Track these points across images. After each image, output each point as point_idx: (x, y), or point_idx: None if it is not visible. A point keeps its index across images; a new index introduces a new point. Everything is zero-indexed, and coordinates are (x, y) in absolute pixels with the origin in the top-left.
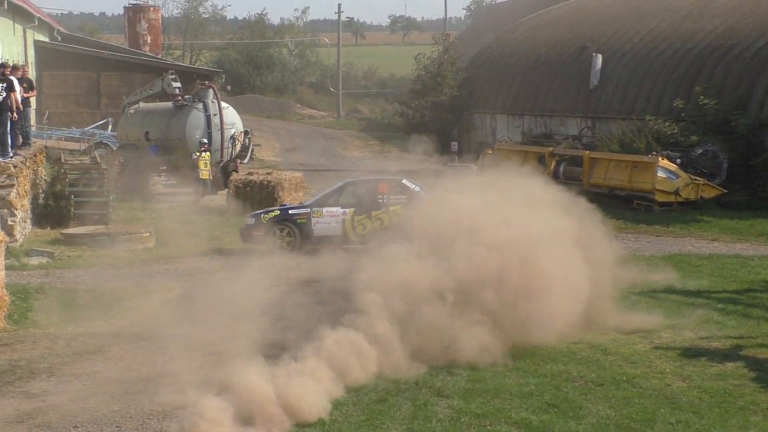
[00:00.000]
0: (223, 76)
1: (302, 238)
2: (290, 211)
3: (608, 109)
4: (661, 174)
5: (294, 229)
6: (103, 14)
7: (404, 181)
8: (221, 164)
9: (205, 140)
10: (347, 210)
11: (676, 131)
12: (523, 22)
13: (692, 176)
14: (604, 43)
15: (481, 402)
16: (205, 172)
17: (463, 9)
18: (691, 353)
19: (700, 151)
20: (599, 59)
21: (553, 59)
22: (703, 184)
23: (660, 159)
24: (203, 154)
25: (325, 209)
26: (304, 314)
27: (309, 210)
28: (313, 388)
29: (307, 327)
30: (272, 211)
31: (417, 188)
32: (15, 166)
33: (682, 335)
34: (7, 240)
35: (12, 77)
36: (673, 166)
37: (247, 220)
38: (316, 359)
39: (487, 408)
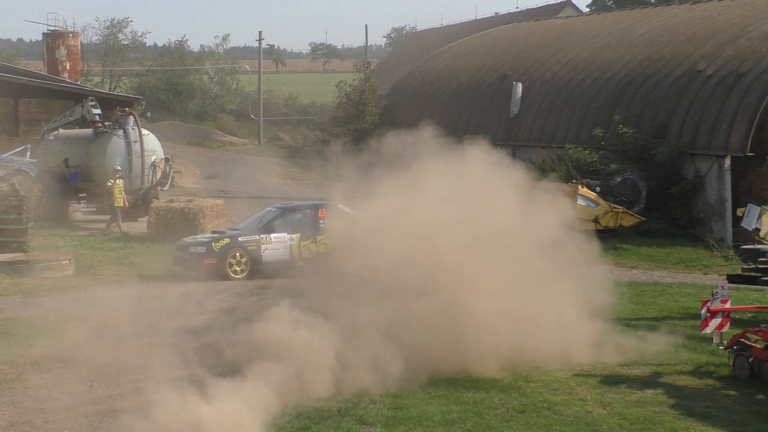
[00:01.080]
0: (144, 102)
1: (253, 264)
2: (240, 239)
3: (528, 137)
4: (580, 202)
5: (245, 255)
6: (21, 40)
7: (340, 206)
8: (142, 191)
9: (119, 167)
10: (294, 236)
11: (595, 159)
12: (444, 50)
13: (611, 204)
14: (524, 72)
15: (404, 430)
16: (119, 199)
17: (384, 37)
18: (611, 380)
19: (619, 179)
20: (519, 88)
21: (474, 87)
22: (622, 212)
23: (580, 187)
24: (117, 181)
25: (273, 235)
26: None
27: (258, 237)
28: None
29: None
30: (221, 239)
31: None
32: None
33: (602, 362)
34: None
35: None
36: (592, 194)
37: (192, 249)
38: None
39: None
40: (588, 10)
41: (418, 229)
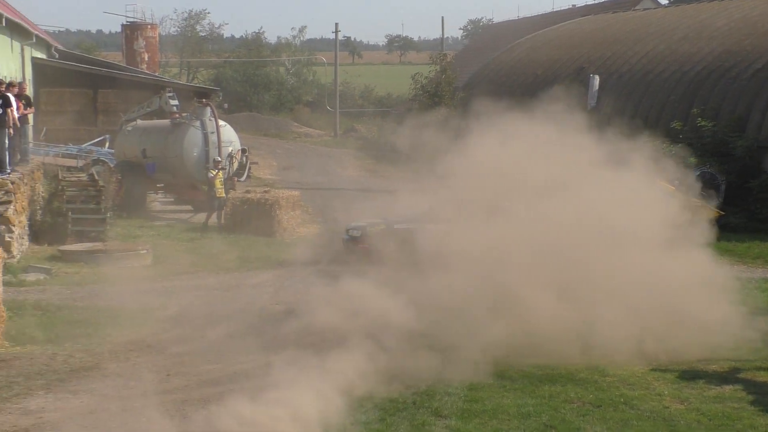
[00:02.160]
0: (221, 94)
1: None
2: (395, 226)
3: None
4: None
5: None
6: (100, 32)
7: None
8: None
9: (219, 158)
10: None
11: (673, 153)
12: (520, 42)
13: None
14: (601, 65)
15: (479, 422)
16: (221, 190)
17: (460, 29)
18: (689, 375)
19: (697, 173)
20: (596, 80)
21: (550, 80)
22: (700, 206)
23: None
24: (218, 172)
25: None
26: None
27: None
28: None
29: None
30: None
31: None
32: (12, 183)
33: (680, 357)
34: (5, 256)
35: (8, 94)
36: (670, 187)
37: (351, 232)
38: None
39: (485, 429)
40: (666, 1)
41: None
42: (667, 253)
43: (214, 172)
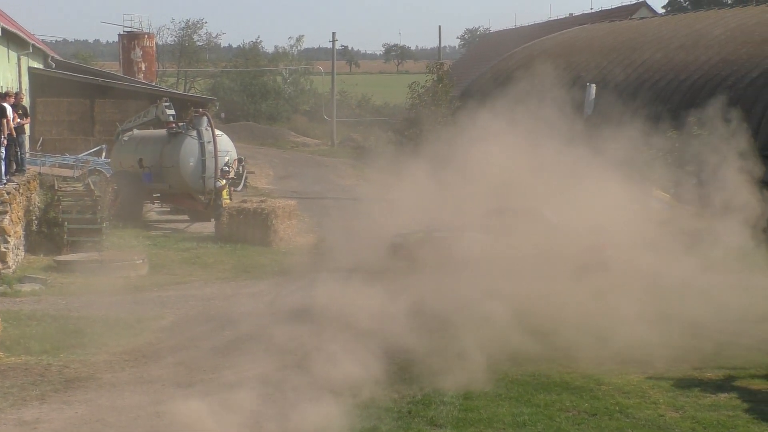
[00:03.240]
0: (217, 103)
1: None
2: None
3: None
4: (656, 204)
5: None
6: (97, 41)
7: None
8: (214, 192)
9: (227, 168)
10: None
11: (669, 161)
12: (517, 51)
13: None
14: (597, 73)
15: (474, 431)
16: (227, 199)
17: (458, 38)
18: (684, 384)
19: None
20: (593, 89)
21: (547, 88)
22: (696, 214)
23: (654, 189)
24: (226, 182)
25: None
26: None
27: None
28: None
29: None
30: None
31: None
32: (8, 193)
33: (675, 365)
34: (0, 267)
35: (4, 104)
36: (666, 196)
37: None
38: None
39: None
40: (663, 11)
41: None
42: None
43: (222, 182)
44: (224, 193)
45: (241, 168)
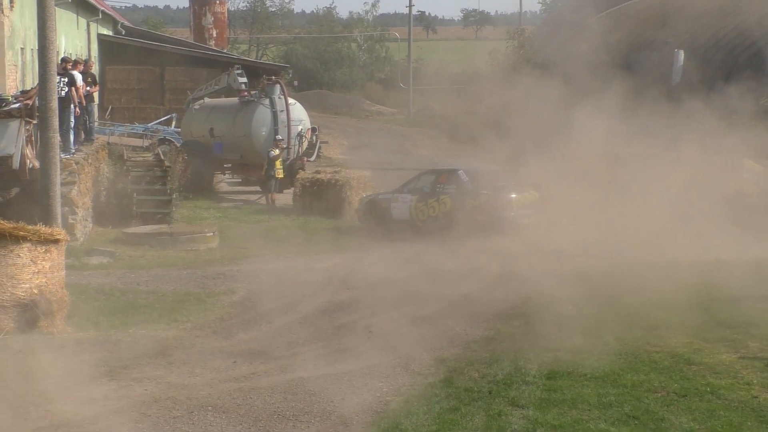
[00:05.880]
0: (290, 71)
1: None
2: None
3: None
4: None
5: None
6: (168, 7)
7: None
8: (288, 162)
9: (280, 137)
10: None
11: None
12: (601, 16)
13: None
14: (687, 38)
15: (558, 413)
16: (280, 170)
17: (539, 2)
18: None
19: None
20: (681, 55)
21: (633, 55)
22: None
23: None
24: (281, 152)
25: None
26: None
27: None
28: None
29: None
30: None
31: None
32: (77, 163)
33: None
34: (68, 239)
35: (73, 72)
36: (758, 167)
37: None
38: None
39: (564, 419)
40: None
41: None
42: None
43: (277, 152)
44: (278, 163)
45: (314, 137)
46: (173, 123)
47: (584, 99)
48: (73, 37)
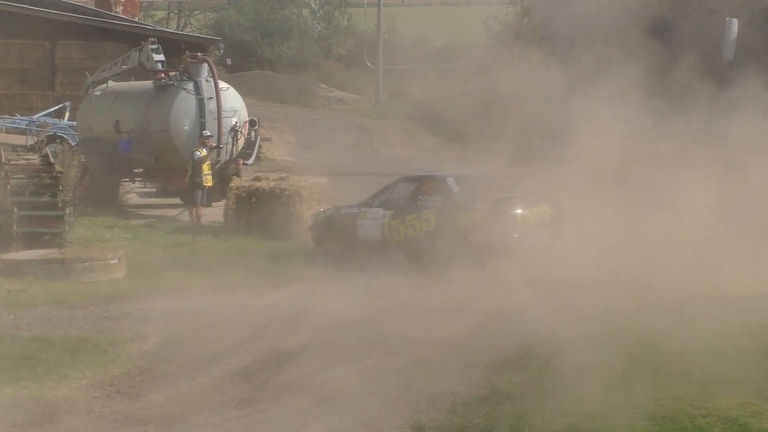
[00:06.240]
0: (222, 46)
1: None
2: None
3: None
4: None
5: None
6: None
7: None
8: (218, 166)
9: (209, 133)
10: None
11: None
12: None
13: None
14: (741, 5)
15: None
16: (209, 177)
17: None
18: None
19: None
20: (735, 25)
21: (670, 25)
22: None
23: None
24: (208, 152)
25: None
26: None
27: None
28: None
29: None
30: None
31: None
32: None
33: None
34: None
35: None
36: None
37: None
38: None
39: None
40: None
41: None
42: None
43: (203, 152)
44: (205, 168)
45: (253, 133)
46: (66, 114)
47: (608, 81)
48: None
